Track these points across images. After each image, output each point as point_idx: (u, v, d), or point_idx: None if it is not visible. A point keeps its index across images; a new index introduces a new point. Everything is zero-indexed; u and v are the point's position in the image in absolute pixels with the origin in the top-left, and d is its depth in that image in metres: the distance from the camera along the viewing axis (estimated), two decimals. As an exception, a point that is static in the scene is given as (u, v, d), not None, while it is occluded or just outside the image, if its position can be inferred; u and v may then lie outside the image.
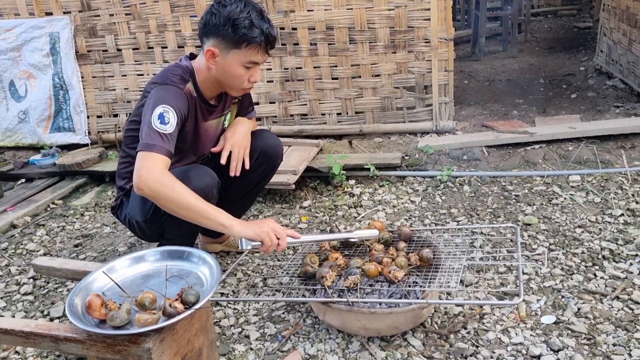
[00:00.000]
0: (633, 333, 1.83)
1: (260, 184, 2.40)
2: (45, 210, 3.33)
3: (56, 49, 3.95)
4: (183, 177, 1.95)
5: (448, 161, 3.42)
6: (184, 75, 2.03)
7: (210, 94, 2.12)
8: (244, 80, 2.01)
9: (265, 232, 1.82)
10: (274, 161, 2.35)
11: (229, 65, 1.96)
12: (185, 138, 2.08)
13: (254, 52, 1.94)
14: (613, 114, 3.96)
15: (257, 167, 2.28)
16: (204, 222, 1.82)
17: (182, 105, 1.95)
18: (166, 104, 1.89)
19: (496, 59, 6.58)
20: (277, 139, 2.38)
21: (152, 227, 2.12)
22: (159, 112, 1.87)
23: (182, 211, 1.81)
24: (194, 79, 2.06)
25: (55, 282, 2.46)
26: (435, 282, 1.86)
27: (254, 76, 2.02)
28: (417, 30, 3.64)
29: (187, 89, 2.02)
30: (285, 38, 3.78)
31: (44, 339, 1.54)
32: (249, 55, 1.95)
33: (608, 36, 5.19)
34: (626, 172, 3.05)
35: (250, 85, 2.06)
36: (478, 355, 1.79)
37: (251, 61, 1.96)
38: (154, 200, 1.82)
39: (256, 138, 2.28)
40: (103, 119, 4.11)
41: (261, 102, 3.93)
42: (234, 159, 2.15)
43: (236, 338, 1.99)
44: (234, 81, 2.01)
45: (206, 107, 2.12)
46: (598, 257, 2.30)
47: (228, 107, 2.26)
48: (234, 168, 2.15)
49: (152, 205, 2.02)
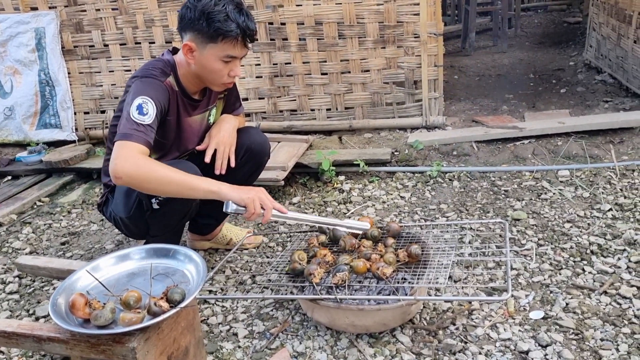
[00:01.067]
0: (620, 328, 1.83)
1: (248, 182, 2.37)
2: (31, 208, 3.29)
3: (42, 45, 3.90)
4: None
5: (438, 156, 3.42)
6: (165, 69, 2.01)
7: (193, 89, 2.09)
8: (223, 75, 1.98)
9: (252, 199, 1.78)
10: (261, 159, 2.33)
11: (207, 60, 1.93)
12: (168, 133, 2.06)
13: (230, 46, 1.90)
14: (602, 109, 3.97)
15: (243, 165, 2.26)
16: (192, 193, 1.79)
17: (162, 97, 1.92)
18: (145, 96, 1.86)
19: (486, 54, 6.59)
20: (264, 136, 2.36)
21: (136, 223, 2.10)
22: (138, 103, 1.84)
23: (166, 187, 1.77)
24: (176, 73, 2.03)
25: (41, 281, 2.43)
26: (424, 278, 1.85)
27: (233, 70, 1.98)
28: (407, 25, 3.63)
29: (168, 82, 1.99)
30: (274, 33, 3.75)
31: (27, 339, 1.52)
32: (225, 50, 1.91)
33: (597, 31, 5.21)
34: (615, 167, 3.06)
35: (230, 80, 2.02)
36: (467, 351, 1.78)
37: (228, 55, 1.93)
38: (134, 186, 1.79)
39: (242, 135, 2.25)
40: (90, 115, 4.07)
41: (250, 98, 3.91)
42: (219, 156, 2.12)
43: (224, 336, 1.98)
44: (213, 76, 1.98)
45: (189, 102, 2.09)
46: (586, 252, 2.30)
47: (213, 102, 2.23)
48: (219, 166, 2.12)
49: (135, 202, 2.00)
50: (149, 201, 1.98)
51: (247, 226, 2.82)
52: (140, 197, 1.99)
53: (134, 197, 2.01)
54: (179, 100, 2.05)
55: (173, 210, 2.02)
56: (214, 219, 2.46)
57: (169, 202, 1.97)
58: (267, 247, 2.59)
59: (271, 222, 2.30)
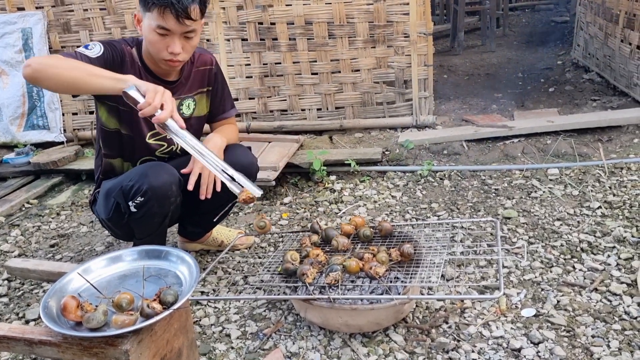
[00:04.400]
0: (611, 324, 1.85)
1: (232, 200, 2.27)
2: (19, 210, 3.26)
3: (29, 45, 3.86)
4: (140, 176, 1.92)
5: (428, 156, 3.43)
6: (129, 41, 2.03)
7: (156, 68, 2.03)
8: (161, 49, 1.91)
9: (154, 90, 1.67)
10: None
11: (146, 29, 1.91)
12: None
13: (159, 16, 1.84)
14: (590, 108, 4.00)
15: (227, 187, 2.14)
16: (96, 81, 1.71)
17: (112, 49, 1.95)
18: (97, 41, 1.96)
19: (475, 54, 6.61)
20: (251, 156, 2.22)
21: (117, 225, 2.08)
22: (86, 44, 1.92)
23: (71, 72, 1.71)
24: (140, 49, 2.03)
25: (30, 284, 2.40)
26: (416, 277, 1.86)
27: (171, 47, 1.89)
28: (396, 25, 3.64)
29: (129, 49, 2.01)
30: (263, 33, 3.74)
31: (18, 342, 1.50)
32: (156, 19, 1.85)
33: (585, 30, 5.25)
34: (603, 165, 3.09)
35: (170, 57, 1.92)
36: (459, 349, 1.79)
37: (159, 26, 1.86)
38: (41, 73, 1.71)
39: (228, 154, 2.10)
40: (79, 116, 4.04)
41: (240, 98, 3.89)
42: (204, 182, 2.00)
43: (217, 337, 1.97)
44: (152, 49, 1.94)
45: (154, 81, 2.00)
46: (576, 250, 2.32)
47: (189, 92, 2.14)
48: (204, 191, 2.01)
49: (113, 204, 1.98)
50: (127, 204, 1.95)
51: (239, 227, 2.81)
52: (117, 200, 1.97)
53: (112, 199, 1.99)
54: (142, 74, 2.00)
55: (151, 212, 1.96)
56: (201, 228, 2.44)
57: (145, 204, 1.93)
58: (259, 247, 2.58)
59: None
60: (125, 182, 1.95)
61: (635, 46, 3.99)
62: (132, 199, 1.93)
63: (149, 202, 1.92)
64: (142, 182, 1.90)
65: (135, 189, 1.91)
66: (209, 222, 2.40)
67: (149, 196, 1.91)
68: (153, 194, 1.91)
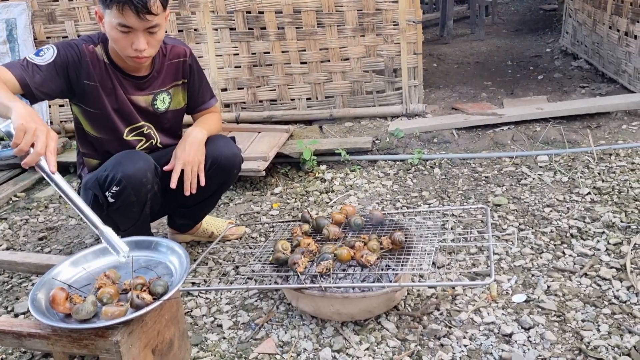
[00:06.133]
0: (601, 309, 1.86)
1: (218, 192, 2.28)
2: (7, 204, 3.22)
3: (13, 36, 3.80)
4: (114, 165, 1.90)
5: (418, 144, 3.43)
6: (94, 37, 1.97)
7: (124, 64, 1.98)
8: (125, 46, 1.84)
9: (24, 129, 1.48)
10: (228, 172, 2.17)
11: (107, 27, 1.85)
12: (96, 103, 1.98)
13: (119, 13, 1.77)
14: (579, 94, 4.02)
15: (211, 179, 2.09)
16: None
17: (68, 53, 1.89)
18: (52, 45, 1.89)
19: (464, 42, 6.62)
20: (234, 147, 2.18)
21: (100, 217, 2.06)
22: (40, 48, 1.88)
23: None
24: (106, 45, 1.97)
25: (19, 277, 2.38)
26: (407, 265, 1.86)
27: (135, 43, 1.83)
28: (385, 13, 3.62)
29: (91, 49, 1.94)
30: (252, 22, 3.71)
31: (7, 335, 1.49)
32: (117, 17, 1.78)
33: (573, 17, 5.26)
34: (592, 152, 3.10)
35: (136, 54, 1.86)
36: (451, 335, 1.80)
37: (120, 23, 1.79)
38: None
39: (210, 146, 2.08)
40: (65, 108, 3.98)
41: (229, 88, 3.87)
42: (187, 178, 1.97)
43: (209, 327, 1.96)
44: (117, 47, 1.88)
45: (124, 77, 1.99)
46: (566, 236, 2.33)
47: (163, 87, 2.10)
48: (188, 187, 1.98)
49: (91, 197, 1.96)
50: (104, 195, 1.93)
51: (229, 217, 2.80)
52: (94, 192, 1.95)
53: (89, 192, 1.98)
54: (111, 74, 1.97)
55: (129, 201, 1.93)
56: (190, 220, 2.42)
57: (121, 193, 1.90)
58: (250, 237, 2.57)
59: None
60: (100, 172, 1.94)
61: (623, 33, 4.00)
62: (108, 189, 1.91)
63: (124, 190, 1.90)
64: (116, 171, 1.88)
65: (110, 178, 1.89)
66: (196, 215, 2.39)
67: (124, 184, 1.88)
68: (128, 182, 1.88)
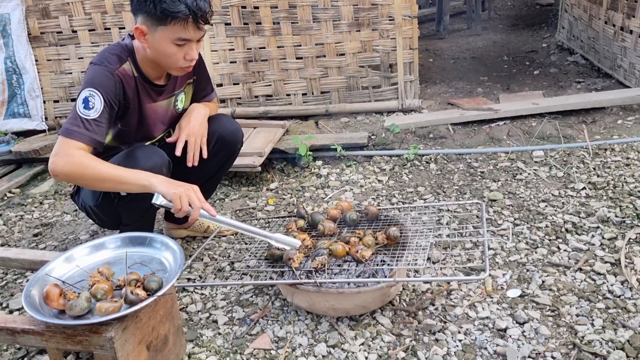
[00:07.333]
0: (595, 303, 1.87)
1: (221, 170, 2.33)
2: (1, 200, 3.21)
3: (7, 32, 3.77)
4: (129, 158, 1.90)
5: (414, 140, 3.43)
6: (122, 54, 1.93)
7: (154, 74, 2.00)
8: (178, 59, 1.88)
9: (178, 195, 1.72)
10: (233, 147, 2.27)
11: (159, 43, 1.84)
12: (129, 121, 2.00)
13: (180, 28, 1.80)
14: (574, 90, 4.02)
15: (215, 154, 2.20)
16: (125, 188, 1.78)
17: (111, 89, 1.85)
18: (93, 87, 1.82)
19: (460, 37, 6.60)
20: (236, 123, 2.28)
21: (105, 212, 2.05)
22: (84, 95, 1.81)
23: (101, 184, 1.78)
24: (134, 59, 1.95)
25: (14, 273, 2.37)
26: (403, 260, 1.86)
27: (189, 54, 1.87)
28: (381, 8, 3.61)
29: (123, 70, 1.91)
30: (247, 17, 3.70)
31: (0, 332, 1.48)
32: (176, 32, 1.81)
33: (569, 12, 5.26)
34: (587, 147, 3.11)
35: (187, 64, 1.91)
36: (446, 331, 1.80)
37: (180, 38, 1.82)
38: (73, 182, 1.82)
39: (213, 123, 2.18)
40: (60, 103, 3.97)
41: (225, 84, 3.85)
42: (190, 148, 2.04)
43: (204, 323, 1.96)
44: (168, 60, 1.89)
45: (151, 87, 2.01)
46: (561, 231, 2.34)
47: (180, 87, 2.15)
48: (191, 158, 2.05)
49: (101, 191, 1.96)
50: None
51: (225, 213, 2.80)
52: None
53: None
54: (139, 87, 1.97)
55: (140, 196, 1.91)
56: None
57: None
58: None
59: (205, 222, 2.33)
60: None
61: (619, 28, 4.00)
62: None
63: None
64: (132, 167, 1.87)
65: None
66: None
67: None
68: None
